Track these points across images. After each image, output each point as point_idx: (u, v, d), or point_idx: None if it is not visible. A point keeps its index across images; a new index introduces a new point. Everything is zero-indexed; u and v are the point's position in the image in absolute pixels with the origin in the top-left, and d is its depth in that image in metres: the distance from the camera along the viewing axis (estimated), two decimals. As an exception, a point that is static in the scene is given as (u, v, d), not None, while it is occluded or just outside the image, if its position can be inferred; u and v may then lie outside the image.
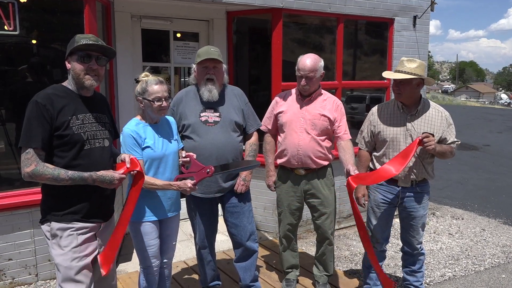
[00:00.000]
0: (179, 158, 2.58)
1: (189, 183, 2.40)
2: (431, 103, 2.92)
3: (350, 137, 3.08)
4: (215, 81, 2.72)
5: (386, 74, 2.98)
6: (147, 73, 2.49)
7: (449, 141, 2.84)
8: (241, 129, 2.89)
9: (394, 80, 2.82)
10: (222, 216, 2.99)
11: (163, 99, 2.43)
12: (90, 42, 2.01)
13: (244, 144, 2.95)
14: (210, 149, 2.71)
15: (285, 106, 3.09)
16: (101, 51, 2.07)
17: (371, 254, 2.77)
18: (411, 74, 2.73)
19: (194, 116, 2.76)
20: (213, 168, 2.42)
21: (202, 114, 2.76)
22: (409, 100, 2.85)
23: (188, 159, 2.47)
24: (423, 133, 2.68)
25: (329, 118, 2.99)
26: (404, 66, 2.78)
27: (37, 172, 1.91)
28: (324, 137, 3.02)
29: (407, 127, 2.84)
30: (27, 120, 1.94)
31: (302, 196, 3.11)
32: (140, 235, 2.50)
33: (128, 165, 2.12)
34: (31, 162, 1.92)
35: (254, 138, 2.96)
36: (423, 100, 2.88)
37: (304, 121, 3.00)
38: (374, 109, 3.04)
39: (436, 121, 2.83)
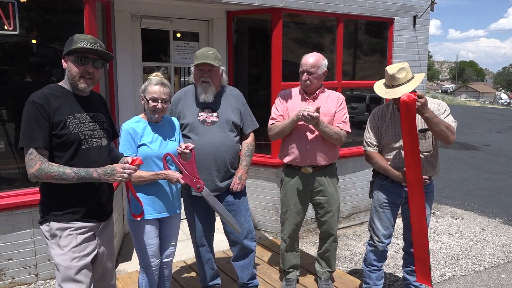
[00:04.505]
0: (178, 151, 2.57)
1: (177, 175, 2.42)
2: (429, 99, 2.83)
3: (349, 130, 3.04)
4: (210, 83, 2.75)
5: (383, 94, 2.77)
6: (158, 73, 2.51)
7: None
8: (238, 129, 2.91)
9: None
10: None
11: (159, 101, 2.44)
12: (88, 44, 1.98)
13: (240, 144, 2.98)
14: (207, 148, 2.73)
15: (290, 104, 3.09)
16: (98, 54, 2.05)
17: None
18: (407, 83, 2.66)
19: (192, 115, 2.78)
20: (203, 187, 2.50)
21: (200, 114, 2.79)
22: None
23: (187, 151, 2.47)
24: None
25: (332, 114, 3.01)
26: (396, 79, 2.67)
27: (42, 171, 1.90)
28: None
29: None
30: (26, 120, 1.92)
31: (309, 194, 3.12)
32: (140, 234, 2.51)
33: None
34: (35, 162, 1.90)
35: (251, 138, 2.99)
36: None
37: None
38: (375, 112, 3.02)
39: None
